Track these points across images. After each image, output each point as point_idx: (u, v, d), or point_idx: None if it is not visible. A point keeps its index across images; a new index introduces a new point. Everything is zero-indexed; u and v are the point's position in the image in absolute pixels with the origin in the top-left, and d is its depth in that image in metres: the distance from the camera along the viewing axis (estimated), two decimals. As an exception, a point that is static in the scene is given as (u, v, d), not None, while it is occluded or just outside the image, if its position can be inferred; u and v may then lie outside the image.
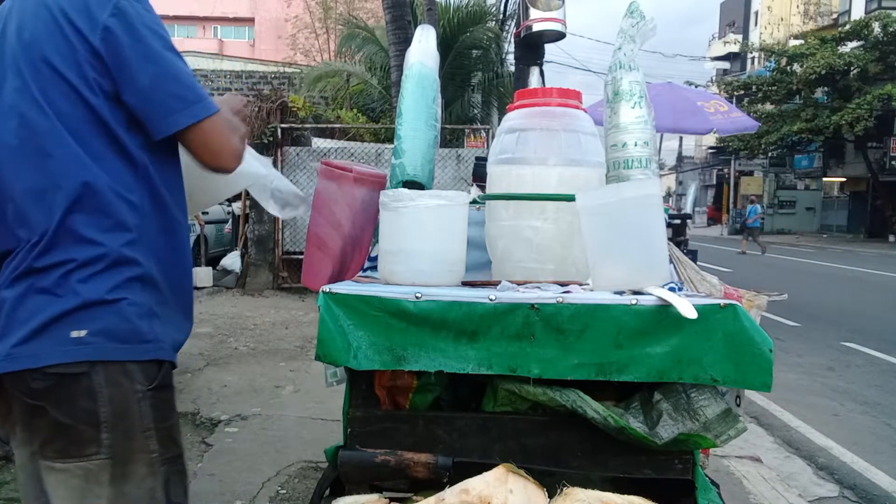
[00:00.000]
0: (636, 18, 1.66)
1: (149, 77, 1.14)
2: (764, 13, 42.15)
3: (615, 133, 1.68)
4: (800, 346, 6.64)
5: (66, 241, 1.11)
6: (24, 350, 1.09)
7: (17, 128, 1.14)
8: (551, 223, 1.55)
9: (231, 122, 1.26)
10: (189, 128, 1.17)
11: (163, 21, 1.22)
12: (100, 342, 1.10)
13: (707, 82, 36.94)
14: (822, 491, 3.34)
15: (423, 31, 1.86)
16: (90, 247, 1.12)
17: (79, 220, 1.12)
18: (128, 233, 1.15)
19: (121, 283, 1.13)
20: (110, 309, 1.12)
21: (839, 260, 17.01)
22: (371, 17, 18.45)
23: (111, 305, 1.12)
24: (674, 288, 1.27)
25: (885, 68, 23.86)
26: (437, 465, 1.27)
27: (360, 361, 1.25)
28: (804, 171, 35.06)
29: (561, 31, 3.04)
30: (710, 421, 1.23)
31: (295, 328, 6.57)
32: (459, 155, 8.81)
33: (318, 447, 3.32)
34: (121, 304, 1.12)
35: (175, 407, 1.24)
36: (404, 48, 2.13)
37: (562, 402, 1.25)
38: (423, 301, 1.25)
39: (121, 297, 1.12)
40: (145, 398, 1.14)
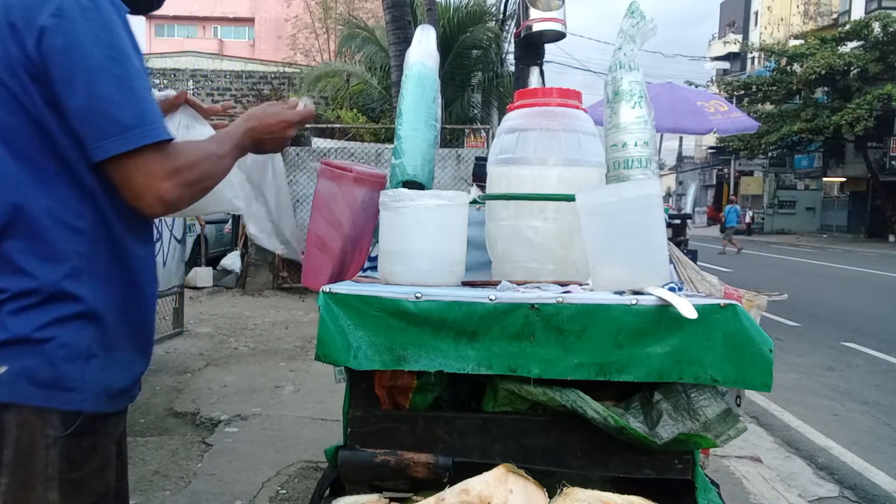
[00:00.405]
0: (636, 18, 1.66)
1: (84, 92, 1.00)
2: (764, 13, 42.16)
3: (615, 133, 1.68)
4: (800, 346, 6.65)
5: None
6: None
7: None
8: (551, 223, 1.55)
9: (204, 151, 1.12)
10: (116, 157, 1.00)
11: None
12: (18, 382, 1.01)
13: (707, 82, 36.95)
14: (822, 491, 3.34)
15: (423, 31, 1.86)
16: (23, 278, 1.02)
17: (12, 246, 1.02)
18: (67, 262, 1.03)
19: (53, 321, 1.02)
20: (36, 349, 1.02)
21: (839, 260, 17.02)
22: (371, 17, 18.45)
23: (37, 345, 1.01)
24: (674, 288, 1.27)
25: (885, 68, 23.87)
26: (437, 465, 1.27)
27: (360, 361, 1.25)
28: (804, 171, 35.08)
29: (561, 31, 3.05)
30: (710, 421, 1.23)
31: (295, 328, 6.57)
32: (459, 155, 8.81)
33: (318, 447, 3.32)
34: (48, 344, 1.02)
35: (101, 453, 1.10)
36: (404, 48, 2.13)
37: (562, 402, 1.25)
38: (423, 301, 1.25)
39: (49, 337, 1.02)
40: (55, 445, 1.03)
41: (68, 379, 1.04)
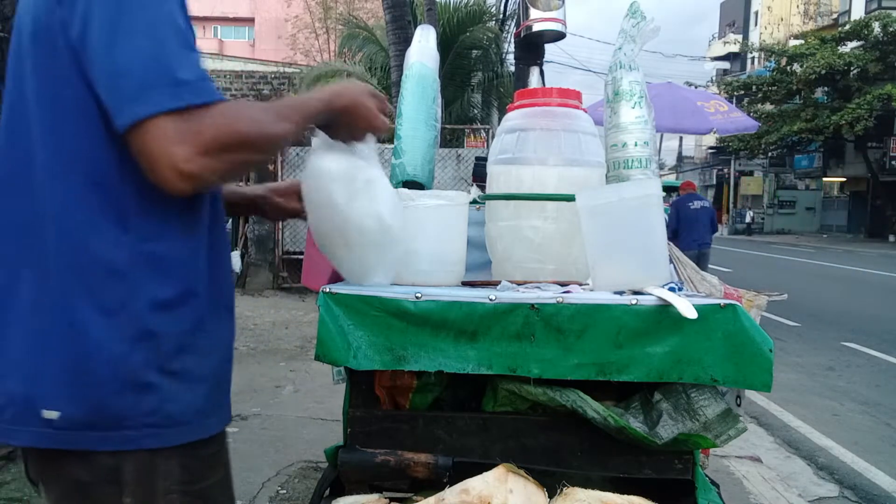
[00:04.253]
0: (637, 19, 1.66)
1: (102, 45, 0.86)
2: (764, 13, 42.16)
3: (615, 133, 1.68)
4: (800, 346, 6.65)
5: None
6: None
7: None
8: (551, 223, 1.55)
9: (245, 112, 0.93)
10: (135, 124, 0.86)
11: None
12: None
13: (707, 82, 36.97)
14: (822, 491, 3.34)
15: (423, 31, 1.86)
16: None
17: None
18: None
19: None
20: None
21: (839, 260, 17.02)
22: (371, 17, 18.45)
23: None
24: (674, 288, 1.27)
25: (885, 68, 23.88)
26: (437, 465, 1.27)
27: (359, 361, 1.25)
28: (804, 171, 35.10)
29: (561, 31, 3.04)
30: (710, 421, 1.23)
31: (295, 328, 6.57)
32: (459, 155, 8.81)
33: (318, 447, 3.32)
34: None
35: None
36: (404, 48, 2.14)
37: (562, 402, 1.24)
38: (423, 301, 1.25)
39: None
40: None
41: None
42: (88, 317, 0.90)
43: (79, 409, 0.90)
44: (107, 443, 0.91)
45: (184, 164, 0.86)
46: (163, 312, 0.94)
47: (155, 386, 0.93)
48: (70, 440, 0.91)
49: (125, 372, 0.91)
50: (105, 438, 0.91)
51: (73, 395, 0.90)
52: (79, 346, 0.90)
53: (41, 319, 0.91)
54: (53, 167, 0.91)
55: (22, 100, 0.94)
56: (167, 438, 0.95)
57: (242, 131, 0.91)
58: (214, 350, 1.04)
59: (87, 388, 0.90)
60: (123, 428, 0.91)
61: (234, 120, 0.91)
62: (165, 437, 0.94)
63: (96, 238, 0.91)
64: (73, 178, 0.91)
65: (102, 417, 0.91)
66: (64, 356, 0.90)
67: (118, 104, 0.86)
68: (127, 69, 0.86)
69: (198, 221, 1.01)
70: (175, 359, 0.95)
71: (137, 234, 0.93)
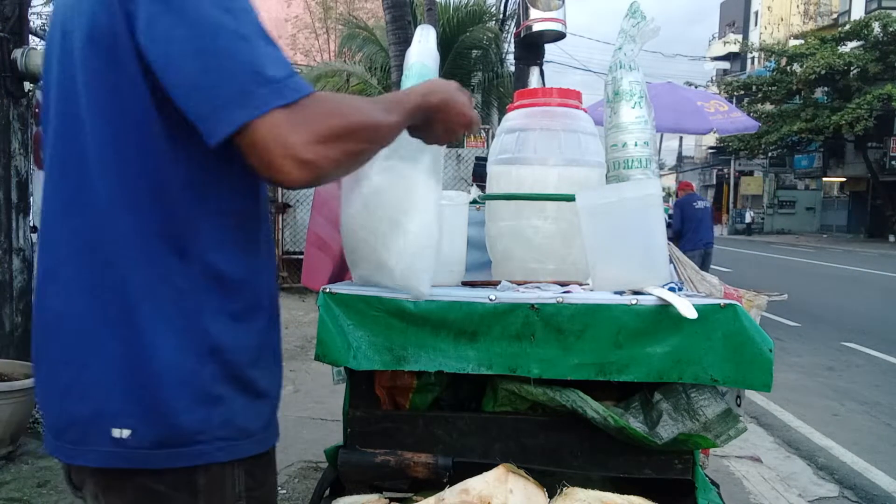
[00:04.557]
0: (637, 19, 1.66)
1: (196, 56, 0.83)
2: (764, 13, 42.17)
3: (615, 133, 1.68)
4: (800, 346, 6.65)
5: None
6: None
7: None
8: (551, 223, 1.55)
9: (355, 104, 0.91)
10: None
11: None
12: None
13: (707, 82, 36.97)
14: (822, 491, 3.34)
15: (423, 31, 1.86)
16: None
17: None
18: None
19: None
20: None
21: (839, 260, 17.01)
22: (371, 17, 18.43)
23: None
24: (674, 288, 1.27)
25: (885, 68, 23.86)
26: (437, 465, 1.27)
27: (359, 361, 1.25)
28: (804, 171, 35.09)
29: (561, 31, 3.05)
30: (710, 421, 1.23)
31: (295, 328, 6.57)
32: (459, 155, 8.82)
33: (318, 447, 3.31)
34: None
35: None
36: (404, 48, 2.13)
37: (562, 402, 1.24)
38: (423, 301, 1.24)
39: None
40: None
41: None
42: (157, 335, 0.88)
43: (151, 426, 0.89)
44: (180, 459, 0.90)
45: (302, 151, 0.82)
46: (231, 326, 0.93)
47: (226, 399, 0.92)
48: (142, 459, 0.89)
49: (196, 387, 0.90)
50: (178, 455, 0.90)
51: (145, 413, 0.88)
52: (148, 363, 0.88)
53: (106, 340, 0.89)
54: (115, 189, 0.88)
55: (75, 117, 0.90)
56: (239, 450, 0.94)
57: (353, 120, 0.88)
58: (274, 360, 1.03)
59: (159, 406, 0.88)
60: (196, 443, 0.90)
61: (341, 109, 0.89)
62: (237, 449, 0.94)
63: (161, 257, 0.89)
64: (136, 199, 0.88)
65: (175, 434, 0.89)
66: (133, 375, 0.88)
67: (214, 112, 0.82)
68: (219, 76, 0.81)
69: (258, 234, 0.99)
70: (244, 371, 0.95)
71: (203, 250, 0.91)
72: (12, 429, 3.21)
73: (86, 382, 0.90)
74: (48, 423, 0.96)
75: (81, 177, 0.90)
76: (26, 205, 3.98)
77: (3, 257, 3.81)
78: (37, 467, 3.15)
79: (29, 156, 3.99)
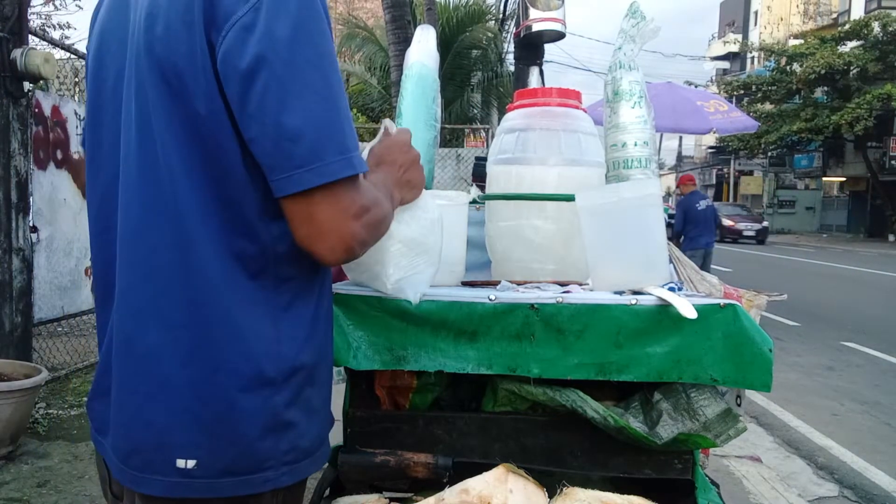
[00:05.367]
0: (637, 19, 1.66)
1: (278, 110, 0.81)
2: (764, 13, 42.17)
3: (615, 133, 1.68)
4: (800, 346, 6.65)
5: None
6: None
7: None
8: (551, 223, 1.55)
9: (372, 190, 0.90)
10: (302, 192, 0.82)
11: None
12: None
13: (707, 82, 36.98)
14: (822, 491, 3.34)
15: (422, 31, 1.86)
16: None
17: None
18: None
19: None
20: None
21: (839, 260, 17.01)
22: (371, 17, 18.44)
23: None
24: (674, 288, 1.27)
25: (884, 68, 23.85)
26: (437, 465, 1.27)
27: (359, 361, 1.25)
28: (804, 170, 35.08)
29: (561, 30, 3.04)
30: (710, 421, 1.23)
31: (295, 328, 6.56)
32: (459, 155, 8.83)
33: (317, 447, 3.31)
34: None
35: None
36: (404, 48, 2.13)
37: (562, 402, 1.24)
38: (423, 301, 1.24)
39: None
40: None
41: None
42: (231, 363, 0.86)
43: (218, 456, 0.87)
44: (246, 487, 0.88)
45: (354, 239, 0.85)
46: (298, 349, 0.91)
47: (294, 424, 0.91)
48: (207, 488, 0.87)
49: (268, 415, 0.88)
50: (244, 483, 0.88)
51: (212, 443, 0.87)
52: (220, 394, 0.87)
53: (175, 369, 0.87)
54: (196, 210, 0.85)
55: (149, 144, 0.86)
56: (301, 472, 0.94)
57: (386, 208, 0.93)
58: (330, 375, 1.03)
59: (229, 436, 0.87)
60: (263, 470, 0.89)
61: (379, 195, 0.92)
62: (300, 471, 0.94)
63: (233, 286, 0.87)
64: (211, 223, 0.86)
65: (243, 463, 0.88)
66: (202, 405, 0.87)
67: (284, 167, 0.80)
68: (300, 131, 0.80)
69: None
70: (306, 392, 0.94)
71: (274, 278, 0.89)
72: (12, 429, 3.21)
73: (152, 411, 0.88)
74: (113, 442, 0.93)
75: (162, 200, 0.86)
76: (26, 205, 3.98)
77: (3, 257, 3.81)
78: (37, 467, 3.15)
79: (29, 156, 3.99)
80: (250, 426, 0.87)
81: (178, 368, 0.87)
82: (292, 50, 0.80)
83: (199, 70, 0.81)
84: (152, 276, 0.87)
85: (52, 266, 4.35)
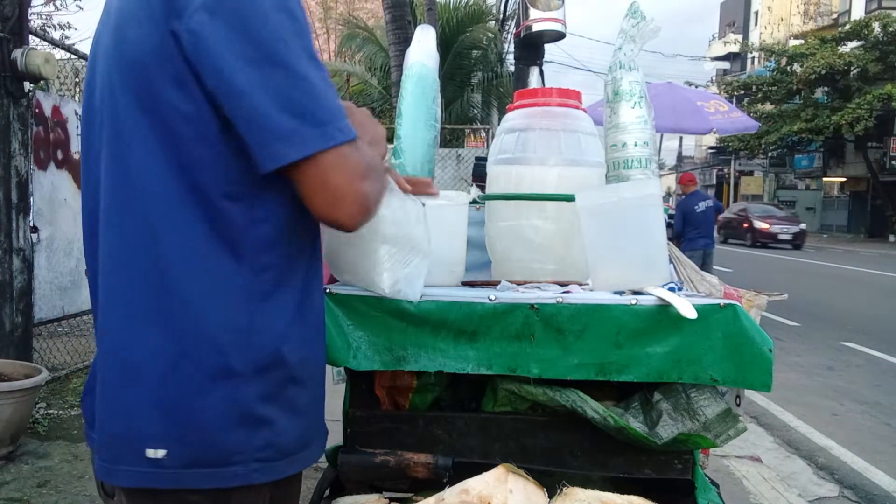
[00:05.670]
0: (637, 19, 1.66)
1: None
2: (764, 13, 42.17)
3: (615, 133, 1.68)
4: (800, 346, 6.64)
5: None
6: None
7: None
8: (551, 223, 1.55)
9: (366, 159, 0.91)
10: (304, 160, 0.83)
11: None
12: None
13: (707, 82, 36.97)
14: (822, 491, 3.34)
15: (423, 31, 1.86)
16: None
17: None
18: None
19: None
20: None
21: (839, 260, 17.00)
22: (371, 17, 18.45)
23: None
24: (674, 288, 1.27)
25: (885, 68, 23.84)
26: (437, 465, 1.27)
27: (359, 362, 1.25)
28: (804, 171, 35.06)
29: (561, 31, 3.04)
30: (710, 421, 1.23)
31: (295, 328, 6.56)
32: (459, 155, 8.83)
33: (318, 447, 3.31)
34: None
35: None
36: (404, 48, 2.13)
37: (562, 402, 1.25)
38: (423, 301, 1.25)
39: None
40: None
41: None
42: (202, 354, 0.86)
43: (186, 447, 0.87)
44: (214, 480, 0.88)
45: (369, 199, 0.88)
46: (276, 341, 0.90)
47: (269, 420, 0.90)
48: (176, 479, 0.87)
49: (239, 408, 0.88)
50: (213, 476, 0.88)
51: (181, 433, 0.87)
52: (188, 383, 0.86)
53: (145, 357, 0.87)
54: (164, 198, 0.86)
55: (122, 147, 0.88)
56: (276, 471, 0.92)
57: (378, 163, 0.95)
58: (319, 375, 1.01)
59: (198, 427, 0.87)
60: (232, 464, 0.88)
61: (368, 151, 0.93)
62: (274, 470, 0.92)
63: (202, 274, 0.87)
64: (185, 208, 0.86)
65: (211, 455, 0.87)
66: (171, 394, 0.87)
67: (287, 137, 0.81)
68: (297, 102, 0.82)
69: (308, 245, 0.97)
70: (289, 390, 0.92)
71: (251, 265, 0.89)
72: (12, 429, 3.21)
73: (124, 401, 0.89)
74: (96, 436, 0.94)
75: (138, 193, 0.88)
76: (26, 205, 3.98)
77: (3, 257, 3.81)
78: (37, 467, 3.15)
79: (29, 156, 3.99)
80: (217, 417, 0.87)
81: (148, 357, 0.87)
82: (264, 24, 0.81)
83: (165, 60, 0.82)
84: (123, 267, 0.89)
85: (52, 266, 4.35)
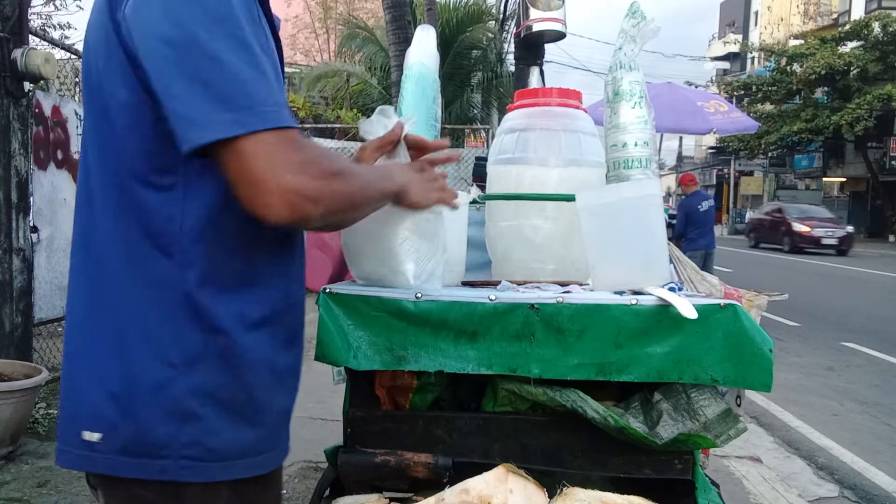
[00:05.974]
0: (637, 19, 1.66)
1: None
2: (764, 13, 42.16)
3: (615, 133, 1.68)
4: (800, 346, 6.64)
5: None
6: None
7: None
8: (551, 223, 1.55)
9: (355, 168, 0.93)
10: (222, 144, 0.80)
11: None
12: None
13: (707, 82, 36.95)
14: (822, 491, 3.34)
15: (423, 31, 1.86)
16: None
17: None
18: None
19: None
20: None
21: (839, 260, 17.00)
22: (371, 17, 18.44)
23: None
24: (674, 288, 1.27)
25: (885, 68, 23.83)
26: (437, 465, 1.27)
27: (359, 361, 1.25)
28: (804, 171, 35.04)
29: (561, 30, 3.04)
30: (710, 421, 1.23)
31: (295, 328, 6.55)
32: (459, 155, 8.82)
33: (318, 447, 3.30)
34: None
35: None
36: (404, 48, 2.14)
37: (562, 402, 1.24)
38: (423, 301, 1.25)
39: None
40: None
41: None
42: (135, 340, 0.87)
43: (118, 433, 0.87)
44: (143, 470, 0.87)
45: (298, 193, 0.81)
46: (216, 341, 0.88)
47: (198, 416, 0.87)
48: (107, 465, 0.88)
49: (169, 399, 0.86)
50: (142, 466, 0.87)
51: (115, 418, 0.87)
52: (126, 367, 0.87)
53: (89, 341, 0.89)
54: (103, 190, 0.89)
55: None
56: (207, 473, 0.88)
57: (349, 176, 0.90)
58: (281, 380, 0.97)
59: (130, 412, 0.86)
60: (161, 457, 0.87)
61: (344, 163, 0.92)
62: (204, 471, 0.88)
63: (149, 263, 0.87)
64: (121, 200, 0.88)
65: (141, 444, 0.87)
66: (110, 378, 0.87)
67: (208, 121, 0.79)
68: (220, 86, 0.79)
69: (262, 239, 0.92)
70: (229, 389, 0.89)
71: (182, 256, 0.87)
72: (12, 429, 3.21)
73: (69, 382, 0.91)
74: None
75: (85, 178, 0.94)
76: (26, 205, 3.98)
77: (3, 257, 3.81)
78: (37, 467, 3.15)
79: (29, 156, 3.99)
80: (148, 405, 0.87)
81: (90, 342, 0.90)
82: (190, 8, 0.79)
83: (112, 51, 0.85)
84: (76, 254, 0.94)
85: (52, 266, 4.35)
